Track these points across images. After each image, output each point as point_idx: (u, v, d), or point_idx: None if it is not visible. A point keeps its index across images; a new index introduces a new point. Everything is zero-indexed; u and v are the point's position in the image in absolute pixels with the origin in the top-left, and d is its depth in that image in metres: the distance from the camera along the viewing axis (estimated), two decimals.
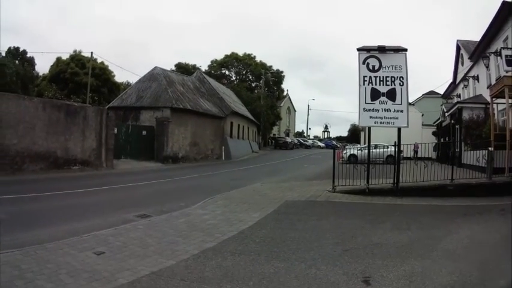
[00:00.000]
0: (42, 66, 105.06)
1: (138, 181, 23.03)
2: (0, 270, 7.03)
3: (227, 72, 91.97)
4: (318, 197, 16.60)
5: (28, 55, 60.75)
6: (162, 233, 10.36)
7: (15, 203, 14.51)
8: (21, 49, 60.69)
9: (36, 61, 62.93)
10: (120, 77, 59.78)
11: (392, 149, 22.92)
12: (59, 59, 56.47)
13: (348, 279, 6.98)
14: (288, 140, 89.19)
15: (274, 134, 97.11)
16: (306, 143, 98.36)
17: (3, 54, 44.09)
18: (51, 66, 57.16)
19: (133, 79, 73.95)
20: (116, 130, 33.14)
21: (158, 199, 16.86)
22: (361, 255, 8.38)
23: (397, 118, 17.34)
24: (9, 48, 58.34)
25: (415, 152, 31.01)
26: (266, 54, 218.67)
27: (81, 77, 51.95)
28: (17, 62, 52.19)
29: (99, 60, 55.52)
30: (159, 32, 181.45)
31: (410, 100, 29.52)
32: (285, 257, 8.36)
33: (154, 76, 43.76)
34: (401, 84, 17.29)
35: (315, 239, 9.89)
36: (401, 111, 17.35)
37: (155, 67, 45.21)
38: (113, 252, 8.48)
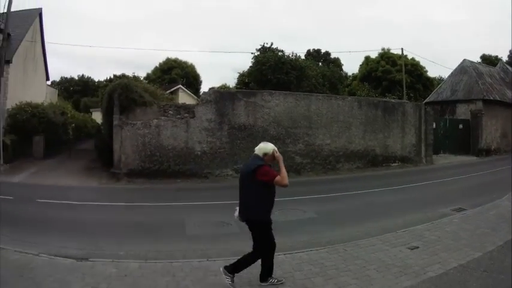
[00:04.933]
0: (350, 66, 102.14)
1: (456, 175, 19.77)
2: (301, 267, 6.55)
3: None
4: None
5: (332, 56, 56.32)
6: (475, 225, 9.27)
7: (326, 202, 13.10)
8: (322, 51, 57.00)
9: (342, 61, 57.73)
10: (432, 72, 53.96)
11: None
12: (367, 58, 51.41)
13: None
14: None
15: None
16: None
17: (303, 57, 40.61)
18: (360, 65, 52.63)
19: (443, 73, 65.92)
20: (434, 125, 28.15)
21: (473, 192, 14.81)
22: None
23: None
24: (308, 50, 55.86)
25: None
26: None
27: (394, 75, 45.92)
28: (320, 64, 47.83)
29: (409, 57, 48.05)
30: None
31: None
32: None
33: (464, 69, 37.13)
34: None
35: None
36: None
37: (464, 60, 38.50)
38: (426, 246, 7.67)
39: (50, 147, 24.75)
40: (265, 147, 5.88)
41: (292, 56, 28.97)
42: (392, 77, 45.51)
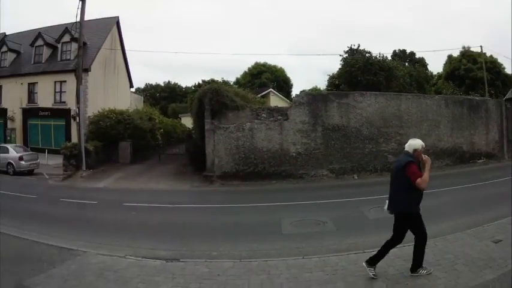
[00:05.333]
0: (434, 66, 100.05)
1: None
2: (394, 263, 6.49)
3: None
4: None
5: (417, 56, 54.38)
6: None
7: None
8: (407, 51, 55.28)
9: (426, 61, 55.53)
10: (509, 68, 53.04)
11: None
12: (450, 57, 49.50)
13: None
14: None
15: None
16: None
17: (389, 57, 39.93)
18: (444, 64, 51.14)
19: None
20: None
21: None
22: None
23: None
24: (394, 51, 53.97)
25: None
26: None
27: (475, 73, 44.78)
28: (406, 63, 47.32)
29: (488, 54, 46.49)
30: None
31: None
32: None
33: None
34: None
35: None
36: None
37: None
38: (509, 239, 7.37)
39: (138, 152, 24.81)
40: (415, 143, 5.96)
41: (379, 57, 28.82)
42: (474, 75, 44.89)
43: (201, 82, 33.95)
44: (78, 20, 21.60)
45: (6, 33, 34.99)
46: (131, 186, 17.98)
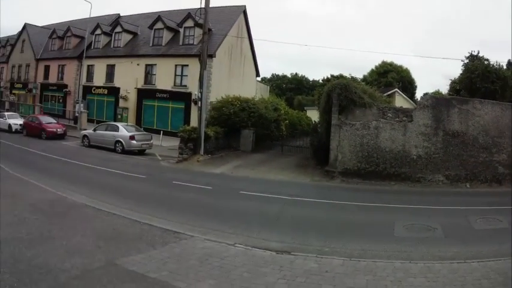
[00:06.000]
0: None
1: None
2: (489, 275, 6.50)
3: None
4: None
5: None
6: None
7: None
8: None
9: None
10: None
11: None
12: None
13: None
14: None
15: None
16: None
17: (505, 66, 39.69)
18: None
19: None
20: None
21: None
22: None
23: None
24: (508, 60, 48.90)
25: None
26: None
27: None
28: None
29: None
30: None
31: None
32: None
33: None
34: None
35: None
36: None
37: None
38: None
39: (260, 142, 25.11)
40: None
41: (496, 65, 28.61)
42: None
43: (329, 76, 34.38)
44: (203, 6, 21.62)
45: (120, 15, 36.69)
46: (250, 175, 18.15)
